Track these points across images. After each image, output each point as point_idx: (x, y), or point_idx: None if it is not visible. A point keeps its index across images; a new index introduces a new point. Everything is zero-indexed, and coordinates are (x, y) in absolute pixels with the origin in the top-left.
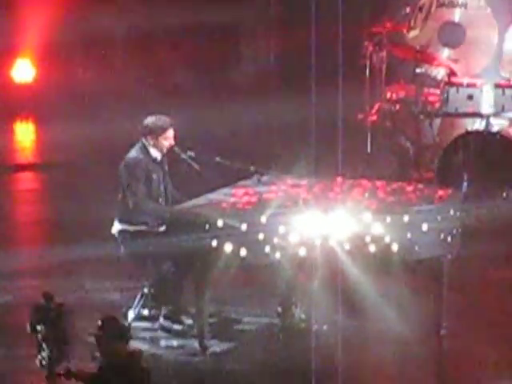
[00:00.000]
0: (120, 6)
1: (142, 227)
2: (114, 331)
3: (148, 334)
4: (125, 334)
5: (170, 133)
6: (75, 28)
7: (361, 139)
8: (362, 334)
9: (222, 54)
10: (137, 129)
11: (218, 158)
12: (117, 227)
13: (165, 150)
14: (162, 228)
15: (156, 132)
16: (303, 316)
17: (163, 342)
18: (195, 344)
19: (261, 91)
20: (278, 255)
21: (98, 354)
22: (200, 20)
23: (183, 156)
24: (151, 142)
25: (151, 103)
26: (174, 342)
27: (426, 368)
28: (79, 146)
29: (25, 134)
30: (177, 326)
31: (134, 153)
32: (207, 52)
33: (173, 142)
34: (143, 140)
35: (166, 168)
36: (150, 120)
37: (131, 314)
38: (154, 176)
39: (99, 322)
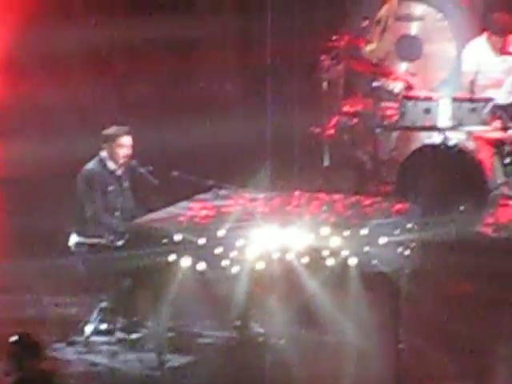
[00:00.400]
0: (80, 20)
1: (99, 240)
2: (28, 347)
3: (106, 348)
4: (38, 350)
5: (125, 140)
6: (34, 42)
7: (318, 153)
8: (319, 348)
9: (182, 68)
10: (95, 142)
11: (175, 172)
12: (74, 239)
13: (121, 161)
14: (120, 242)
15: (111, 140)
16: (261, 330)
17: (121, 356)
18: (153, 358)
19: (220, 105)
20: (235, 269)
21: (11, 370)
22: (160, 34)
23: (141, 170)
24: (108, 153)
25: (112, 117)
26: (132, 356)
27: (383, 381)
28: (37, 161)
29: None
30: (134, 341)
31: (90, 165)
32: (169, 66)
33: (129, 152)
34: (101, 153)
35: (126, 181)
36: (105, 130)
37: (89, 328)
38: (111, 188)
39: (13, 338)
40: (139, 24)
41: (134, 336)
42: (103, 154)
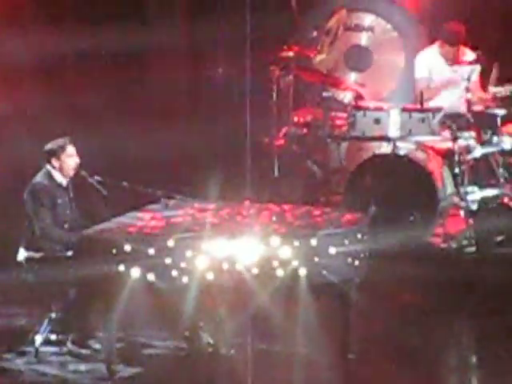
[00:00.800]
0: (29, 28)
1: (49, 253)
2: None
3: (56, 359)
4: None
5: (71, 150)
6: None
7: (268, 163)
8: (269, 359)
9: (130, 77)
10: (42, 154)
11: (124, 183)
12: (23, 254)
13: (71, 172)
14: (69, 252)
15: (57, 152)
16: (210, 340)
17: (71, 367)
18: (103, 368)
19: (169, 115)
20: (185, 279)
21: None
22: (109, 43)
23: (90, 180)
24: (56, 165)
25: (57, 128)
26: (82, 367)
27: None
28: None
29: None
30: (84, 351)
31: (38, 178)
32: (116, 75)
33: (77, 160)
34: (47, 165)
35: (71, 192)
36: (49, 144)
37: (39, 339)
38: (60, 201)
39: None
40: (88, 32)
41: (84, 351)
42: (49, 166)
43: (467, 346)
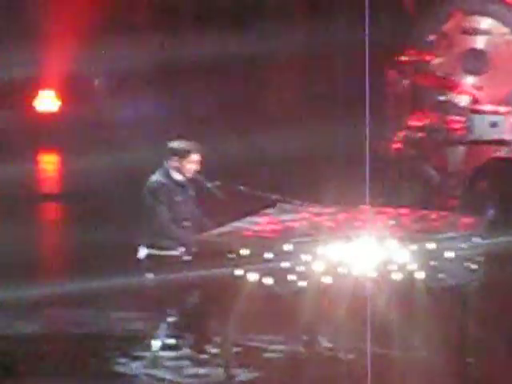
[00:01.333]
0: (145, 36)
1: (170, 252)
2: None
3: (173, 363)
4: None
5: (195, 157)
6: (100, 58)
7: (385, 167)
8: (387, 363)
9: (248, 84)
10: (161, 155)
11: (241, 187)
12: (143, 252)
13: (188, 175)
14: (188, 257)
15: (180, 155)
16: (328, 344)
17: (188, 371)
18: (221, 373)
19: (287, 120)
20: (302, 283)
21: None
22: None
23: (208, 185)
24: (174, 165)
25: (176, 131)
26: (200, 371)
27: None
28: (103, 175)
29: (49, 164)
30: (202, 356)
31: (156, 176)
32: (235, 81)
33: (197, 168)
34: (165, 163)
35: (192, 191)
36: (174, 143)
37: (156, 343)
38: (178, 199)
39: None
40: (208, 39)
41: (202, 356)
42: (168, 164)
43: None
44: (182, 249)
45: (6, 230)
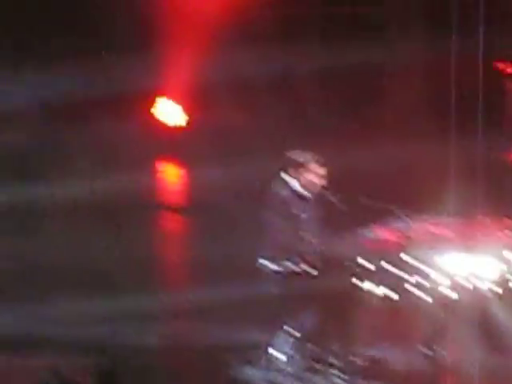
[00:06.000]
0: (267, 45)
1: (293, 267)
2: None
3: (294, 374)
4: None
5: (313, 168)
6: (220, 67)
7: (507, 177)
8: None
9: (365, 92)
10: (282, 167)
11: (361, 198)
12: (265, 265)
13: (309, 186)
14: (314, 271)
15: (297, 166)
16: (449, 356)
17: (310, 382)
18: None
19: (405, 130)
20: (423, 295)
21: None
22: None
23: (332, 199)
24: (293, 176)
25: (298, 143)
26: (321, 382)
27: None
28: (228, 188)
29: (176, 176)
30: (323, 367)
31: (276, 188)
32: (351, 90)
33: (316, 180)
34: (284, 175)
35: (314, 206)
36: (292, 154)
37: (277, 354)
38: (298, 212)
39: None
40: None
41: (322, 367)
42: (287, 176)
43: None
44: (305, 263)
45: (129, 241)
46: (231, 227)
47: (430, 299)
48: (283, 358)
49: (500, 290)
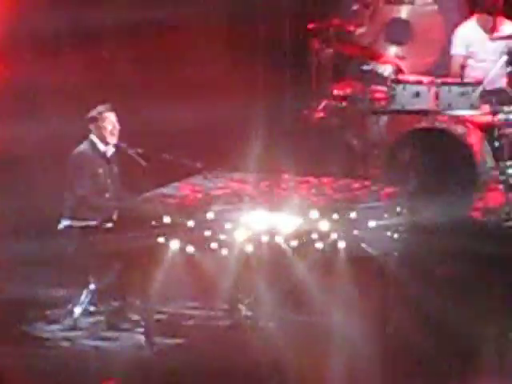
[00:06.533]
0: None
1: (88, 222)
2: None
3: (95, 330)
4: None
5: (111, 117)
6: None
7: (307, 136)
8: (307, 331)
9: (169, 51)
10: (83, 125)
11: (165, 155)
12: (63, 223)
13: (110, 139)
14: (109, 224)
15: (96, 118)
16: (249, 313)
17: (110, 336)
18: (142, 340)
19: (208, 87)
20: (224, 252)
21: None
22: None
23: (130, 152)
24: (96, 132)
25: (99, 99)
26: (122, 337)
27: (371, 366)
28: (25, 143)
29: None
30: (123, 323)
31: (81, 147)
32: (155, 48)
33: (116, 127)
34: (91, 135)
35: (115, 163)
36: (91, 112)
37: (78, 310)
38: (100, 170)
39: None
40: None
41: (123, 323)
42: (93, 135)
43: (503, 320)
44: (104, 218)
45: None
46: (32, 183)
47: (232, 256)
48: (83, 313)
49: (300, 247)
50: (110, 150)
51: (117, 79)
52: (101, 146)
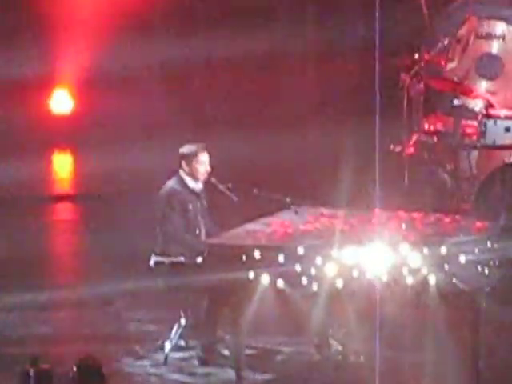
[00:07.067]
0: (158, 36)
1: (179, 259)
2: (89, 371)
3: (185, 364)
4: (100, 374)
5: (204, 157)
6: (113, 58)
7: (398, 171)
8: (399, 366)
9: (261, 86)
10: (174, 159)
11: (255, 190)
12: (154, 259)
13: (201, 178)
14: (199, 259)
15: (189, 157)
16: (340, 348)
17: (200, 372)
18: (232, 375)
19: (299, 123)
20: (315, 286)
21: None
22: (238, 52)
23: (220, 187)
24: (186, 170)
25: (189, 134)
26: (212, 373)
27: None
28: (116, 177)
29: (62, 164)
30: (213, 357)
31: (170, 183)
32: (247, 83)
33: (208, 168)
34: (180, 171)
35: (205, 199)
36: (184, 147)
37: (168, 345)
38: (190, 206)
39: (76, 363)
40: (217, 40)
41: (213, 357)
42: (182, 172)
43: None
44: (194, 254)
45: (19, 230)
46: (123, 218)
47: (322, 291)
48: (173, 348)
49: (391, 282)
50: (199, 186)
51: (208, 114)
52: (190, 183)
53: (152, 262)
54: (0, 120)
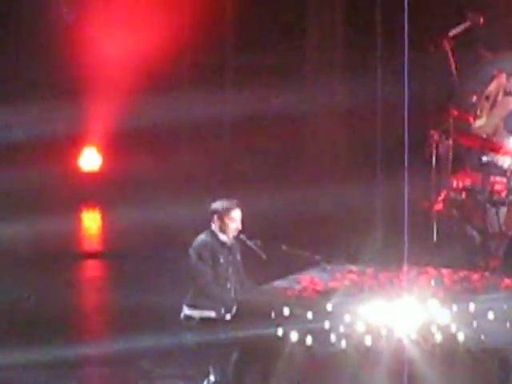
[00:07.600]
0: (185, 94)
1: (209, 313)
2: None
3: None
4: None
5: (236, 214)
6: (141, 116)
7: (427, 227)
8: None
9: (287, 142)
10: (203, 216)
11: (284, 246)
12: (184, 312)
13: (231, 234)
14: (228, 316)
15: (221, 213)
16: None
17: None
18: None
19: (328, 179)
20: (343, 344)
21: None
22: (263, 108)
23: (249, 243)
24: (218, 225)
25: (218, 190)
26: None
27: None
28: (145, 234)
29: (92, 221)
30: None
31: (202, 236)
32: (273, 139)
33: (239, 225)
34: (212, 225)
35: (237, 253)
36: (216, 202)
37: None
38: (222, 259)
39: None
40: (247, 97)
41: None
42: (214, 226)
43: None
44: (224, 309)
45: (47, 287)
46: (153, 275)
47: (351, 348)
48: None
49: (420, 339)
50: (230, 240)
51: (236, 170)
52: (222, 237)
53: (182, 315)
54: (32, 177)
